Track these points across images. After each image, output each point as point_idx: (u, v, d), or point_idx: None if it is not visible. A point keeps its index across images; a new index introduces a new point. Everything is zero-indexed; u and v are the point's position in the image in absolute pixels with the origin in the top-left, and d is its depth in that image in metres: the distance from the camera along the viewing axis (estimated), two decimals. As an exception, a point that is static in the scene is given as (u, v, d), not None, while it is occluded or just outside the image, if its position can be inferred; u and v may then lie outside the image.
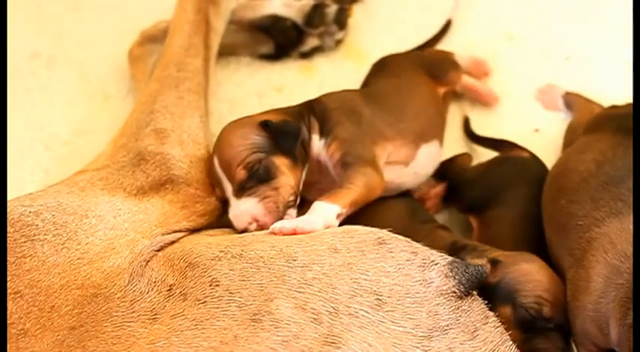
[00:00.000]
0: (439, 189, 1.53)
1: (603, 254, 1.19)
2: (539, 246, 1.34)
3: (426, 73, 1.59)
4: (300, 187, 1.33)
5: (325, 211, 1.24)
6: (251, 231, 1.26)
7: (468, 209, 1.50)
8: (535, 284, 1.24)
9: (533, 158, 1.51)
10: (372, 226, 1.27)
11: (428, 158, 1.48)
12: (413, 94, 1.51)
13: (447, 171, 1.54)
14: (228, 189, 1.30)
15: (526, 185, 1.43)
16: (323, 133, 1.36)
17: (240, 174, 1.28)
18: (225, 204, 1.33)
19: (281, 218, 1.27)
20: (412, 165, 1.45)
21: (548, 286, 1.24)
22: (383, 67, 1.64)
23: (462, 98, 1.70)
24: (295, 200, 1.31)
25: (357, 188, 1.29)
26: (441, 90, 1.62)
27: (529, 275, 1.25)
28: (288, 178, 1.29)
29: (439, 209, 1.55)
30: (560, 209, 1.31)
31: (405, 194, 1.48)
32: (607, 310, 1.15)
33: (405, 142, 1.43)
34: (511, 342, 1.14)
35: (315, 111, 1.39)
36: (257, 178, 1.27)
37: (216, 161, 1.31)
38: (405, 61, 1.63)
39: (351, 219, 1.31)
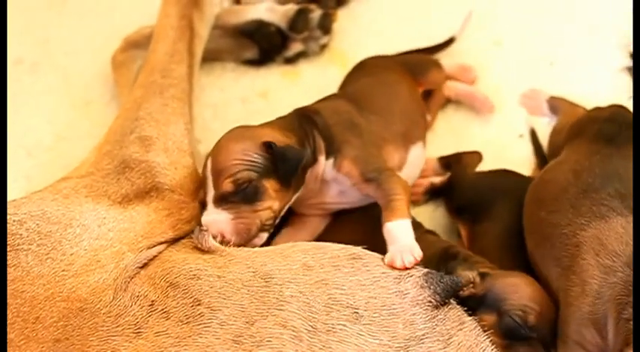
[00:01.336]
0: (436, 180, 1.54)
1: (595, 256, 1.19)
2: (527, 260, 1.34)
3: (407, 71, 1.60)
4: (285, 210, 1.33)
5: (404, 228, 1.26)
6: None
7: (455, 210, 1.50)
8: (521, 294, 1.24)
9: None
10: (364, 232, 1.31)
11: (416, 160, 1.49)
12: (395, 94, 1.51)
13: (452, 164, 1.56)
14: (210, 193, 1.29)
15: (519, 202, 1.40)
16: (330, 153, 1.35)
17: (227, 186, 1.27)
18: (203, 206, 1.32)
19: (250, 240, 1.27)
20: (405, 169, 1.45)
21: (534, 296, 1.24)
22: (361, 68, 1.64)
23: (447, 103, 1.70)
24: (273, 223, 1.31)
25: (403, 196, 1.30)
26: (420, 90, 1.61)
27: (516, 286, 1.25)
28: (272, 202, 1.29)
29: (421, 200, 1.56)
30: (540, 221, 1.32)
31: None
32: (604, 310, 1.16)
33: (397, 146, 1.43)
34: (488, 344, 1.15)
35: (319, 127, 1.36)
36: (242, 196, 1.26)
37: (209, 163, 1.30)
38: (387, 62, 1.63)
39: (344, 221, 1.36)
